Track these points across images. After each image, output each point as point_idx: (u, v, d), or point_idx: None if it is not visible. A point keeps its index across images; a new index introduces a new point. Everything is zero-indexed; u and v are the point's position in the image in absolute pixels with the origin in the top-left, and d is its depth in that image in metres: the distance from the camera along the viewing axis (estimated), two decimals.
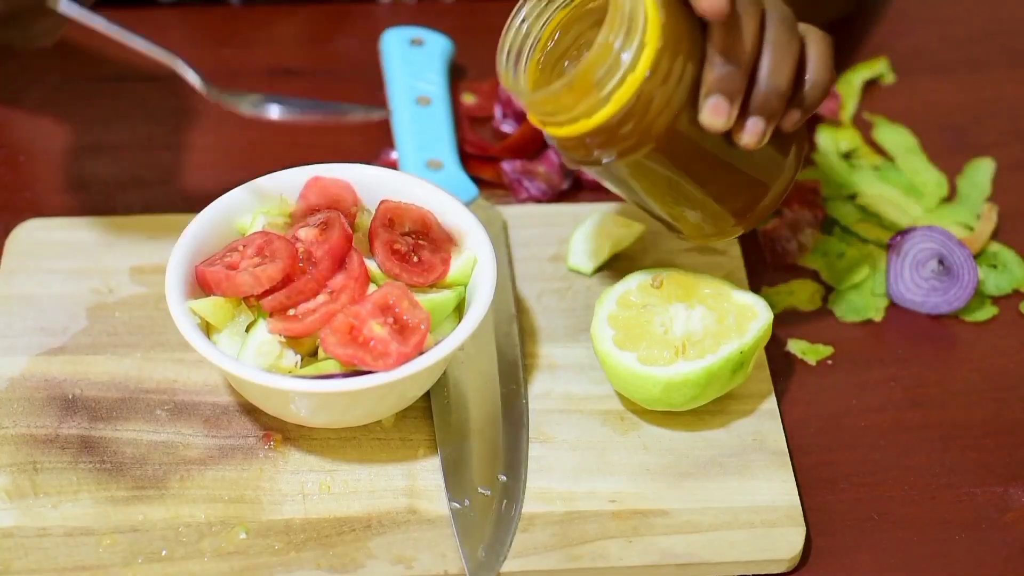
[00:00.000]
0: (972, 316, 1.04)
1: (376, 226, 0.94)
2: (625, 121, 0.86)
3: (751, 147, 0.88)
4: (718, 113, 0.86)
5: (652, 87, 0.85)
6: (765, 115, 0.87)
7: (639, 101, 0.86)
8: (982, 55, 1.25)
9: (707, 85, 0.86)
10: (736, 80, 0.86)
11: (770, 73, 0.87)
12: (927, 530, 0.92)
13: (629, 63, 0.85)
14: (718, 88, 0.86)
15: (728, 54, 0.85)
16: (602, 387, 0.97)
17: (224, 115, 1.17)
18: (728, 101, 0.86)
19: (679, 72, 0.86)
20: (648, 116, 0.86)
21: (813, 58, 0.89)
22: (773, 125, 0.88)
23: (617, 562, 0.88)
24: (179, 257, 0.93)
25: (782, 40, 0.87)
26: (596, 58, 0.85)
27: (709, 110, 0.86)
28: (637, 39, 0.85)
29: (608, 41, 0.85)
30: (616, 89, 0.85)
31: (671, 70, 0.85)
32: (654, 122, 0.86)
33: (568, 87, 0.86)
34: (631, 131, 0.87)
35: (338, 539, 0.89)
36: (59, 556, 0.88)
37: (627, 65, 0.85)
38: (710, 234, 0.95)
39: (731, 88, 0.86)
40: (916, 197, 1.12)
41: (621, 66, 0.85)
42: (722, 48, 0.85)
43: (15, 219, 1.06)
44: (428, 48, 1.17)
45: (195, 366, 0.97)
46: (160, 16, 1.25)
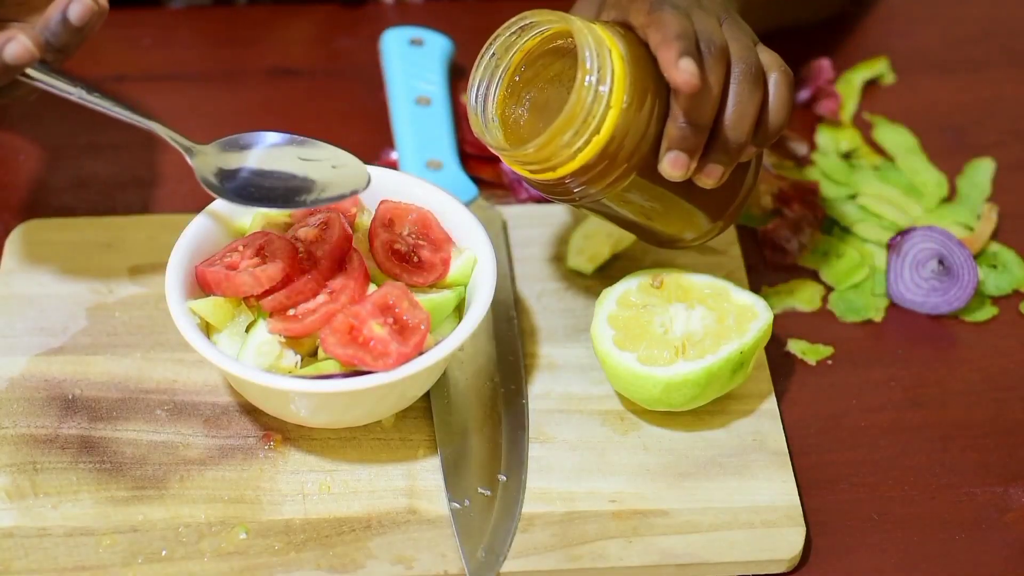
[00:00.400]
0: (972, 316, 1.04)
1: (376, 226, 0.94)
2: (603, 159, 0.88)
3: (709, 187, 0.91)
4: (677, 167, 0.88)
5: (625, 125, 0.87)
6: (723, 162, 0.90)
7: (615, 140, 0.87)
8: (982, 55, 1.25)
9: (668, 140, 0.88)
10: (696, 138, 0.88)
11: (731, 128, 0.89)
12: (927, 530, 0.92)
13: (604, 106, 0.86)
14: (678, 144, 0.88)
15: (691, 113, 0.87)
16: (602, 387, 0.97)
17: (224, 115, 1.17)
18: (687, 156, 0.88)
19: (648, 109, 0.87)
20: (623, 152, 0.88)
21: (773, 100, 0.91)
22: (732, 168, 0.91)
23: (617, 562, 0.88)
24: (179, 257, 0.93)
25: (744, 95, 0.89)
26: (573, 109, 0.86)
27: (669, 163, 0.88)
28: (608, 82, 0.86)
29: (583, 90, 0.86)
30: (594, 135, 0.87)
31: (640, 108, 0.87)
32: (631, 157, 0.88)
33: (545, 143, 0.87)
34: (608, 167, 0.88)
35: (338, 539, 0.89)
36: (59, 556, 0.88)
37: (602, 109, 0.86)
38: (690, 240, 0.97)
39: (691, 145, 0.88)
40: (916, 197, 1.12)
41: (598, 110, 0.86)
42: (686, 107, 0.87)
43: (15, 219, 1.06)
44: (428, 48, 1.18)
45: (195, 366, 0.97)
46: (162, 16, 1.25)
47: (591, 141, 0.87)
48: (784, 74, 0.91)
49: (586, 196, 0.90)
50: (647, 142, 0.88)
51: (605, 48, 0.86)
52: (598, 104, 0.86)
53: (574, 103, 0.86)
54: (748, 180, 0.95)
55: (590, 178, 0.89)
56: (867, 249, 1.08)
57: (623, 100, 0.86)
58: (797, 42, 1.23)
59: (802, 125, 1.17)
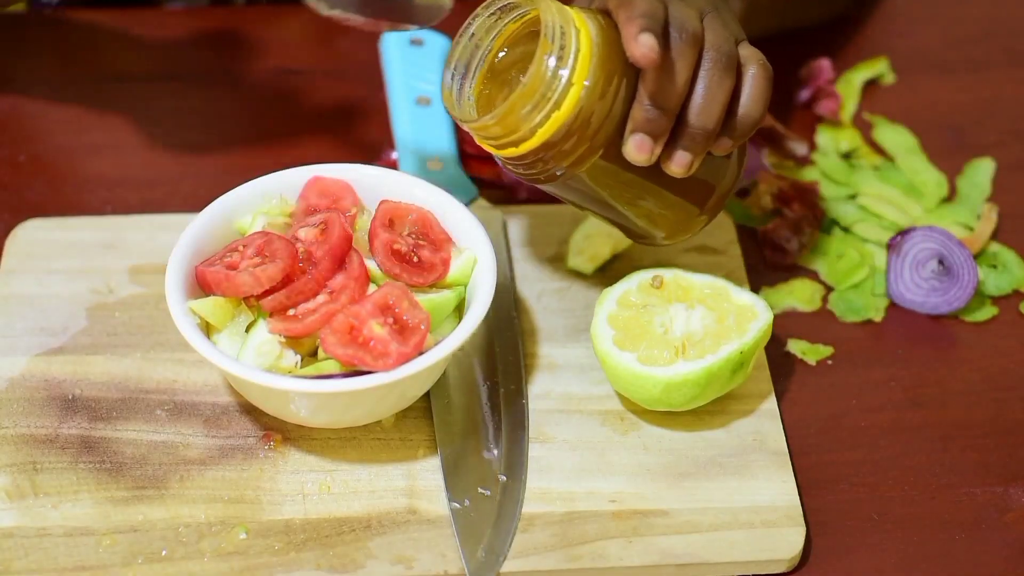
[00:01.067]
0: (972, 316, 1.04)
1: (376, 226, 0.94)
2: (568, 137, 0.88)
3: (678, 176, 0.90)
4: (641, 150, 0.88)
5: (590, 104, 0.87)
6: (691, 150, 0.89)
7: (579, 117, 0.87)
8: (982, 55, 1.25)
9: (633, 122, 0.88)
10: (661, 121, 0.88)
11: (697, 114, 0.88)
12: (927, 530, 0.92)
13: (565, 83, 0.86)
14: (642, 128, 0.88)
15: (656, 96, 0.87)
16: (602, 387, 0.97)
17: (224, 115, 1.17)
18: (651, 140, 0.88)
19: (614, 90, 0.87)
20: (589, 130, 0.88)
21: (747, 92, 0.90)
22: (701, 157, 0.90)
23: (617, 562, 0.88)
24: (179, 257, 0.93)
25: (714, 81, 0.88)
26: (531, 82, 0.86)
27: (633, 146, 0.88)
28: (570, 61, 0.86)
29: (542, 64, 0.86)
30: (554, 110, 0.87)
31: (606, 88, 0.87)
32: (595, 136, 0.88)
33: (505, 113, 0.87)
34: (575, 145, 0.88)
35: (338, 539, 0.89)
36: (59, 556, 0.88)
37: (563, 85, 0.87)
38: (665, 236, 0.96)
39: (655, 129, 0.88)
40: (916, 197, 1.12)
41: (558, 86, 0.87)
42: (651, 89, 0.87)
43: (15, 219, 1.06)
44: (428, 48, 1.17)
45: (195, 366, 0.97)
46: (162, 16, 1.25)
47: (551, 117, 0.87)
48: (762, 68, 0.91)
49: (551, 176, 0.90)
50: (612, 124, 0.88)
51: (572, 27, 0.87)
52: (557, 80, 0.86)
53: (532, 75, 0.86)
54: (728, 176, 0.94)
55: (552, 156, 0.89)
56: (867, 249, 1.08)
57: (585, 79, 0.86)
58: (797, 42, 1.23)
59: (802, 125, 1.17)
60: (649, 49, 0.84)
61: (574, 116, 0.87)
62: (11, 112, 1.16)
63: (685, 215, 0.95)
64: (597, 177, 0.90)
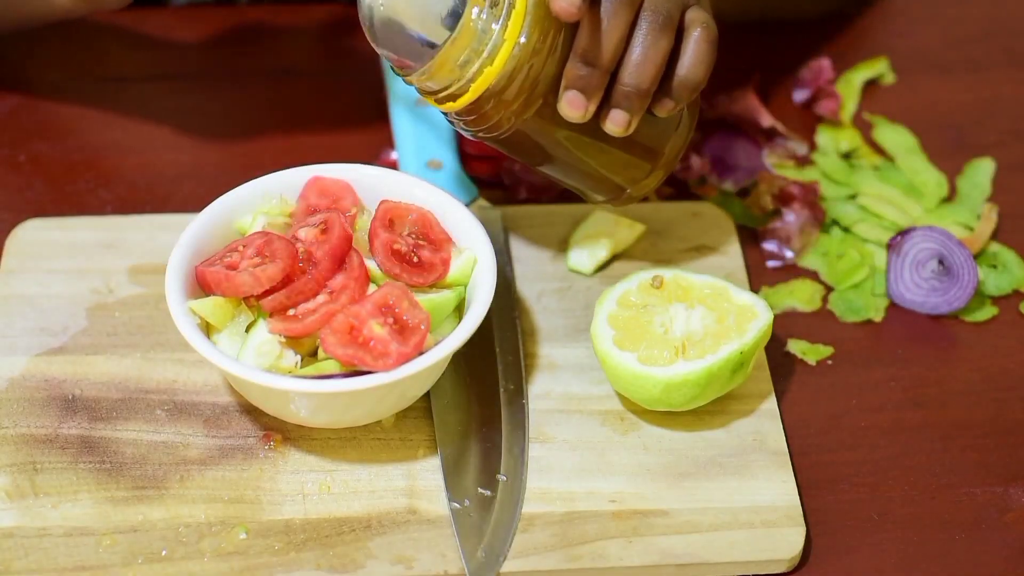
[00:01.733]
0: (972, 316, 1.04)
1: (376, 226, 0.94)
2: (502, 91, 0.89)
3: (616, 135, 0.91)
4: (574, 106, 0.89)
5: (524, 59, 0.88)
6: (627, 109, 0.90)
7: (513, 73, 0.88)
8: (982, 55, 1.25)
9: (566, 78, 0.89)
10: (593, 78, 0.88)
11: (631, 72, 0.89)
12: (927, 530, 0.92)
13: (497, 37, 0.87)
14: (575, 84, 0.88)
15: (588, 52, 0.88)
16: (602, 387, 0.97)
17: (224, 115, 1.17)
18: (584, 97, 0.88)
19: (550, 46, 0.88)
20: (525, 86, 0.89)
21: (688, 54, 0.91)
22: (638, 117, 0.91)
23: (617, 562, 0.88)
24: (179, 257, 0.93)
25: (648, 41, 0.89)
26: (461, 36, 0.87)
27: (566, 102, 0.89)
28: (503, 15, 0.87)
29: (470, 18, 0.87)
30: (486, 64, 0.88)
31: (542, 44, 0.88)
32: (532, 91, 0.89)
33: (437, 67, 0.88)
34: (510, 100, 0.89)
35: (338, 539, 0.89)
36: (59, 556, 0.88)
37: (495, 40, 0.87)
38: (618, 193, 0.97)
39: (587, 85, 0.88)
40: (916, 197, 1.12)
41: (489, 40, 0.87)
42: (583, 46, 0.88)
43: (15, 219, 1.06)
44: None
45: (195, 366, 0.97)
46: (162, 16, 1.25)
47: (483, 72, 0.88)
48: (705, 30, 0.91)
49: (492, 131, 0.91)
50: (547, 80, 0.89)
51: None
52: (490, 35, 0.87)
53: (461, 28, 0.87)
54: (678, 135, 0.95)
55: (490, 111, 0.90)
56: (867, 249, 1.08)
57: (519, 34, 0.87)
58: (797, 42, 1.23)
59: (802, 125, 1.17)
60: (568, 3, 0.85)
61: (508, 71, 0.88)
62: (11, 112, 1.16)
63: (634, 173, 0.96)
64: (539, 133, 0.92)
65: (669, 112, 0.92)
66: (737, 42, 1.23)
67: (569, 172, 0.96)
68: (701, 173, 1.12)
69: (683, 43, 0.91)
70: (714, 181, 1.12)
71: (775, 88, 1.20)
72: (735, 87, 1.17)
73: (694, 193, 1.12)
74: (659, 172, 0.97)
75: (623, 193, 0.98)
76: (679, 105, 0.92)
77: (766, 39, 1.20)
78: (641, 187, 0.97)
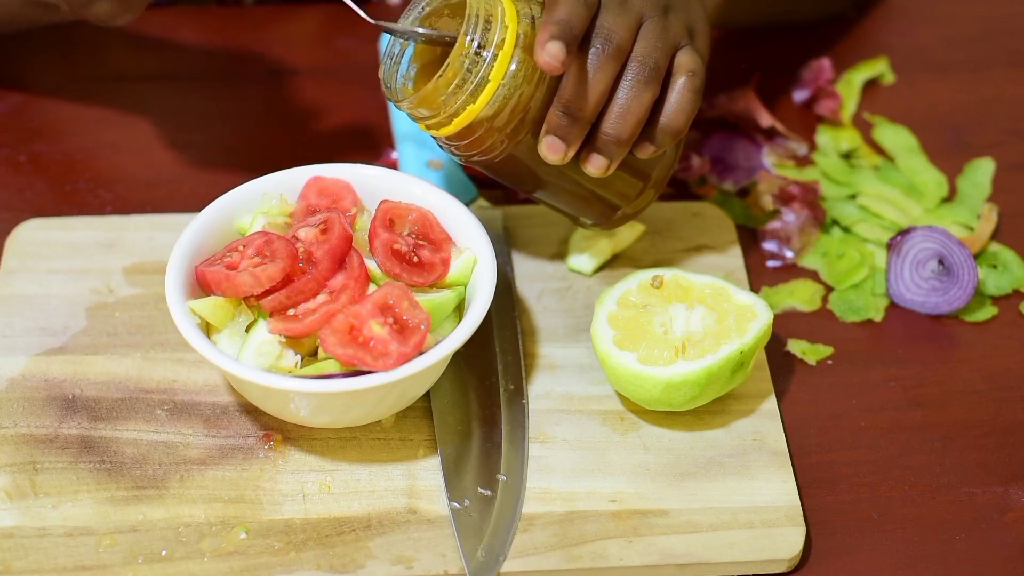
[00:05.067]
0: (972, 316, 1.04)
1: (376, 226, 0.94)
2: (481, 127, 0.89)
3: (596, 176, 0.92)
4: (553, 151, 0.90)
5: (506, 101, 0.89)
6: (606, 155, 0.91)
7: (495, 112, 0.89)
8: (982, 55, 1.25)
9: (547, 124, 0.90)
10: (573, 128, 0.89)
11: (612, 123, 0.90)
12: (927, 530, 0.92)
13: (481, 78, 0.88)
14: (555, 131, 0.89)
15: (570, 103, 0.88)
16: (602, 387, 0.97)
17: (224, 114, 1.17)
18: (563, 143, 0.89)
19: (533, 89, 0.89)
20: (506, 124, 0.90)
21: (671, 102, 0.91)
22: (617, 162, 0.91)
23: (617, 562, 0.88)
24: (179, 257, 0.93)
25: (632, 93, 0.89)
26: (448, 72, 0.88)
27: (546, 146, 0.90)
28: (488, 57, 0.88)
29: (459, 56, 0.88)
30: (469, 101, 0.88)
31: (525, 87, 0.89)
32: (514, 130, 0.90)
33: (423, 98, 0.89)
34: (490, 135, 0.90)
35: (338, 539, 0.89)
36: (59, 556, 0.88)
37: (478, 80, 0.88)
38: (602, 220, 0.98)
39: (566, 134, 0.89)
40: (916, 197, 1.12)
41: (473, 79, 0.88)
42: (566, 96, 0.88)
43: (15, 219, 1.06)
44: None
45: (195, 366, 0.97)
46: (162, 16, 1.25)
47: (466, 108, 0.89)
48: (692, 78, 0.91)
49: (473, 160, 0.92)
50: (529, 121, 0.90)
51: (499, 23, 0.88)
52: (475, 74, 0.88)
53: (447, 67, 0.88)
54: (661, 167, 0.96)
55: (470, 143, 0.91)
56: (867, 249, 1.08)
57: (503, 75, 0.88)
58: (797, 42, 1.23)
59: (802, 125, 1.17)
60: (552, 58, 0.85)
61: (490, 110, 0.88)
62: (11, 112, 1.16)
63: (628, 191, 0.96)
64: (531, 158, 0.92)
65: (650, 155, 0.93)
66: (737, 42, 1.23)
67: (560, 196, 0.97)
68: (701, 173, 1.12)
69: (668, 90, 0.91)
70: (714, 181, 1.12)
71: (775, 88, 1.20)
72: (735, 87, 1.17)
73: (694, 193, 1.12)
74: (649, 192, 0.97)
75: (615, 213, 0.98)
76: (660, 150, 0.92)
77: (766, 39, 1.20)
78: (631, 207, 0.98)
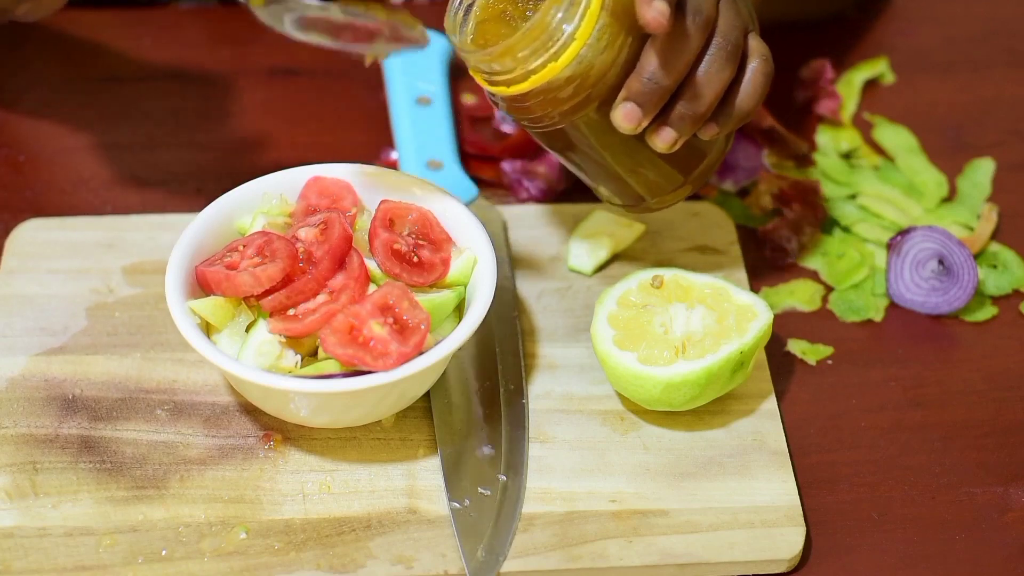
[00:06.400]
0: (972, 316, 1.04)
1: (376, 226, 0.94)
2: (560, 88, 0.88)
3: (660, 151, 0.91)
4: (629, 119, 0.89)
5: (588, 62, 0.87)
6: (678, 130, 0.90)
7: (575, 73, 0.88)
8: (982, 55, 1.25)
9: (627, 90, 0.89)
10: (654, 96, 0.88)
11: (692, 97, 0.89)
12: (927, 530, 0.92)
13: (567, 37, 0.87)
14: (635, 97, 0.88)
15: (656, 70, 0.88)
16: (602, 387, 0.97)
17: (224, 115, 1.17)
18: (641, 111, 0.88)
19: (615, 53, 0.88)
20: (582, 87, 0.88)
21: (745, 84, 0.91)
22: (685, 138, 0.91)
23: (617, 562, 0.88)
24: (179, 257, 0.93)
25: (714, 68, 0.89)
26: (534, 28, 0.87)
27: (622, 113, 0.89)
28: (576, 17, 0.87)
29: (548, 14, 0.87)
30: (551, 60, 0.87)
31: (608, 50, 0.88)
32: (588, 94, 0.89)
33: (502, 52, 0.88)
34: (566, 97, 0.89)
35: (338, 539, 0.89)
36: (59, 556, 0.88)
37: (564, 39, 0.87)
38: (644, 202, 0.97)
39: (647, 101, 0.88)
40: (916, 197, 1.12)
41: (559, 38, 0.87)
42: (652, 62, 0.88)
43: (15, 219, 1.06)
44: (428, 48, 1.17)
45: (195, 366, 0.97)
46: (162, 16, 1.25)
47: (547, 66, 0.88)
48: (764, 63, 0.91)
49: (536, 121, 0.91)
50: (606, 85, 0.89)
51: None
52: (560, 33, 0.87)
53: (536, 21, 0.87)
54: (715, 151, 0.96)
55: (541, 103, 0.89)
56: (867, 249, 1.08)
57: (589, 36, 0.87)
58: (797, 42, 1.23)
59: (802, 125, 1.17)
60: (659, 14, 0.85)
61: (570, 71, 0.88)
62: (11, 112, 1.16)
63: (665, 183, 0.96)
64: (580, 133, 0.91)
65: (712, 137, 0.92)
66: None
67: (597, 172, 0.96)
68: None
69: (742, 72, 0.91)
70: (714, 181, 1.12)
71: (775, 88, 1.19)
72: None
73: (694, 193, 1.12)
74: (686, 188, 0.97)
75: (643, 203, 0.98)
76: (723, 132, 0.92)
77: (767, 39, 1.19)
78: (663, 200, 0.97)
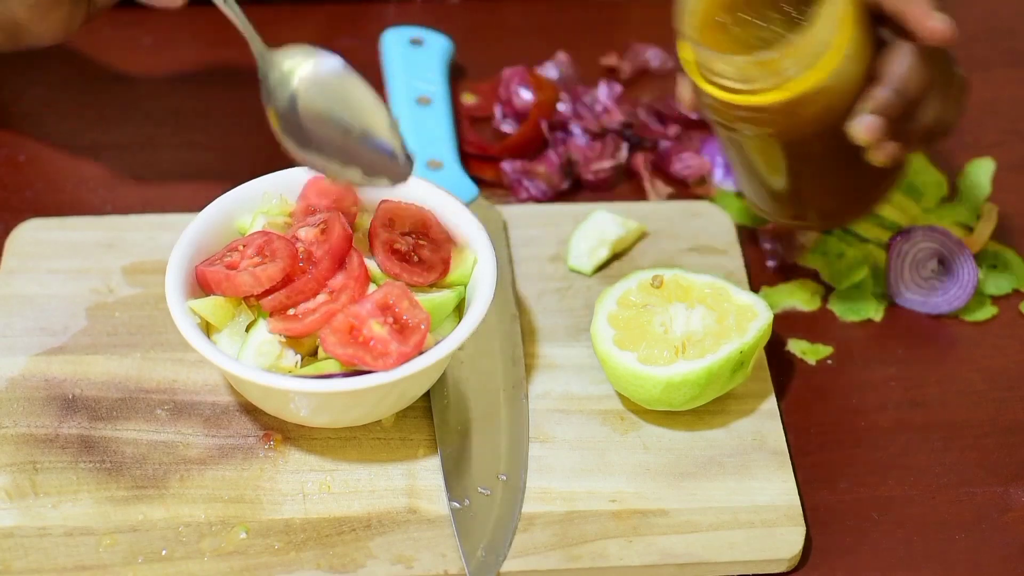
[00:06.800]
0: (972, 316, 1.04)
1: (376, 226, 0.94)
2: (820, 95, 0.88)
3: (878, 164, 0.91)
4: (870, 132, 0.88)
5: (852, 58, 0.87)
6: (903, 144, 0.90)
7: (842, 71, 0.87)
8: (982, 55, 1.25)
9: (873, 100, 0.88)
10: (899, 108, 0.88)
11: (930, 115, 0.89)
12: (927, 530, 0.92)
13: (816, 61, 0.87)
14: (881, 109, 0.88)
15: (906, 83, 0.88)
16: (602, 387, 0.97)
17: (224, 115, 1.17)
18: (884, 124, 0.88)
19: (854, 73, 0.88)
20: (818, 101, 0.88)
21: (952, 108, 0.92)
22: (904, 154, 0.91)
23: (617, 562, 0.88)
24: (179, 257, 0.93)
25: (947, 86, 0.90)
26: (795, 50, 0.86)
27: (863, 126, 0.88)
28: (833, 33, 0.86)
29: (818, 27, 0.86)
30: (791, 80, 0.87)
31: (849, 69, 0.88)
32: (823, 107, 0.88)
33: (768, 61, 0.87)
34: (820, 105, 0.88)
35: (338, 539, 0.89)
36: (59, 556, 0.88)
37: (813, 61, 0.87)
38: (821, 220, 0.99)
39: (892, 114, 0.88)
40: (916, 197, 1.12)
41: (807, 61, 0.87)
42: (904, 75, 0.88)
43: (15, 219, 1.06)
44: (428, 48, 1.17)
45: (195, 366, 0.97)
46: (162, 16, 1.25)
47: (802, 75, 0.87)
48: (965, 91, 0.92)
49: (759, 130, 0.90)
50: (841, 97, 0.88)
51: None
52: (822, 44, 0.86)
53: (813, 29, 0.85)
54: (897, 175, 0.96)
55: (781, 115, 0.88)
56: (867, 249, 1.08)
57: (845, 48, 0.87)
58: None
59: None
60: (943, 22, 0.85)
61: (820, 82, 0.87)
62: (11, 112, 1.16)
63: (846, 203, 0.97)
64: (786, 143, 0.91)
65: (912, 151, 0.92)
66: None
67: (767, 185, 0.96)
68: (701, 173, 1.12)
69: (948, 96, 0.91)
70: (714, 181, 1.12)
71: None
72: None
73: (694, 193, 1.12)
74: (866, 209, 0.98)
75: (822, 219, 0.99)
76: (926, 149, 0.93)
77: None
78: (844, 217, 0.99)
